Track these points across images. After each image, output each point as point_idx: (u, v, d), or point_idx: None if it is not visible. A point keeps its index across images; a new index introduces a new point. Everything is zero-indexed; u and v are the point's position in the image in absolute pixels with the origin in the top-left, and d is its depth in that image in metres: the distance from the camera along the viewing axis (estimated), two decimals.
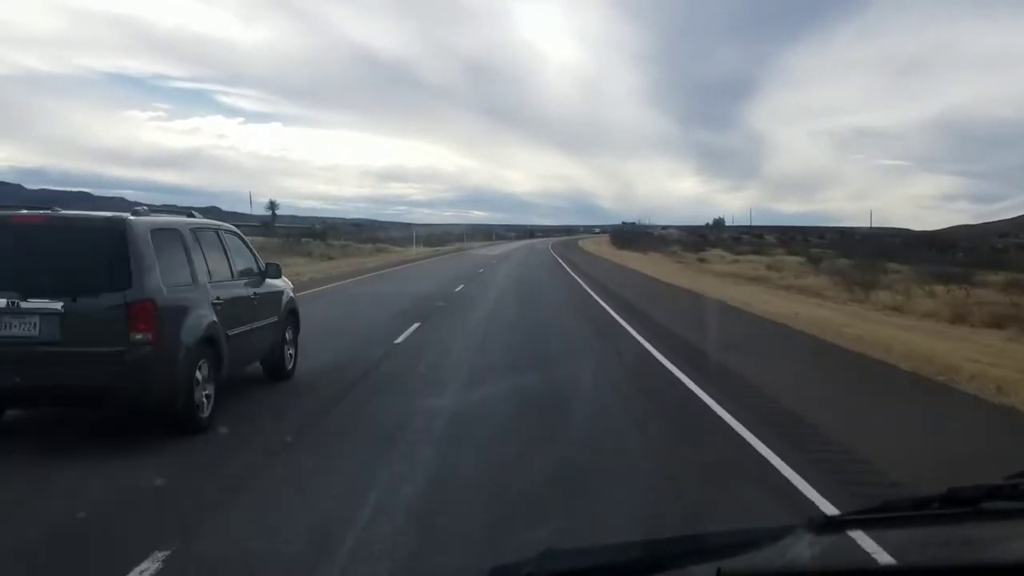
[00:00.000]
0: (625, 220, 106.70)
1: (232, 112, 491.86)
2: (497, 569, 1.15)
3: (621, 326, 13.36)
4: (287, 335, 7.72)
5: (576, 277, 29.08)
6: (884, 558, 1.40)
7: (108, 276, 5.23)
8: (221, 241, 6.80)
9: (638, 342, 11.25)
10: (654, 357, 9.82)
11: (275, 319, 7.44)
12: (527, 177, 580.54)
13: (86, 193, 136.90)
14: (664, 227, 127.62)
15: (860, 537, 1.63)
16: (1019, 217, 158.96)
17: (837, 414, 6.73)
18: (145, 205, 6.12)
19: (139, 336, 5.15)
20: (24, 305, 5.00)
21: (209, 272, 6.20)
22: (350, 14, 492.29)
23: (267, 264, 7.70)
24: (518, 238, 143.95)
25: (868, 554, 1.60)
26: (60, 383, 5.10)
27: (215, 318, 5.93)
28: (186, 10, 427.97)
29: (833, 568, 1.28)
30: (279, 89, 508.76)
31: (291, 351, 7.83)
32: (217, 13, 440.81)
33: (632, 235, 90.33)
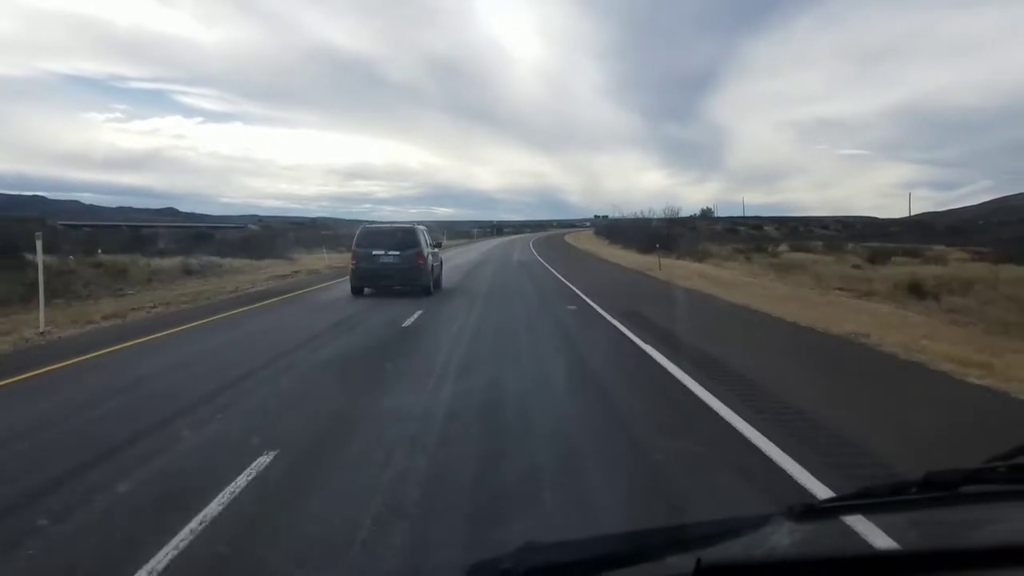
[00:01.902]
0: (597, 214, 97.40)
1: (192, 112, 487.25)
2: (476, 566, 1.13)
3: None
4: (440, 270, 19.61)
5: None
6: (864, 544, 1.49)
7: (410, 243, 17.18)
8: (427, 233, 18.72)
9: None
10: None
11: (439, 263, 19.37)
12: (494, 173, 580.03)
13: (41, 197, 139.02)
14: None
15: (840, 524, 1.61)
16: (989, 202, 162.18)
17: None
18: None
19: (419, 263, 17.11)
20: (391, 253, 16.95)
21: (428, 243, 18.17)
22: (312, 13, 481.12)
23: (437, 243, 19.78)
24: (484, 236, 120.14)
25: (847, 540, 1.66)
26: (401, 279, 17.04)
27: (432, 259, 17.91)
28: (144, 10, 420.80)
29: (813, 555, 1.25)
30: (240, 88, 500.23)
31: (440, 276, 19.63)
32: (175, 13, 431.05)
33: (625, 231, 73.92)
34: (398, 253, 16.98)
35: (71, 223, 52.29)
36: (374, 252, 17.06)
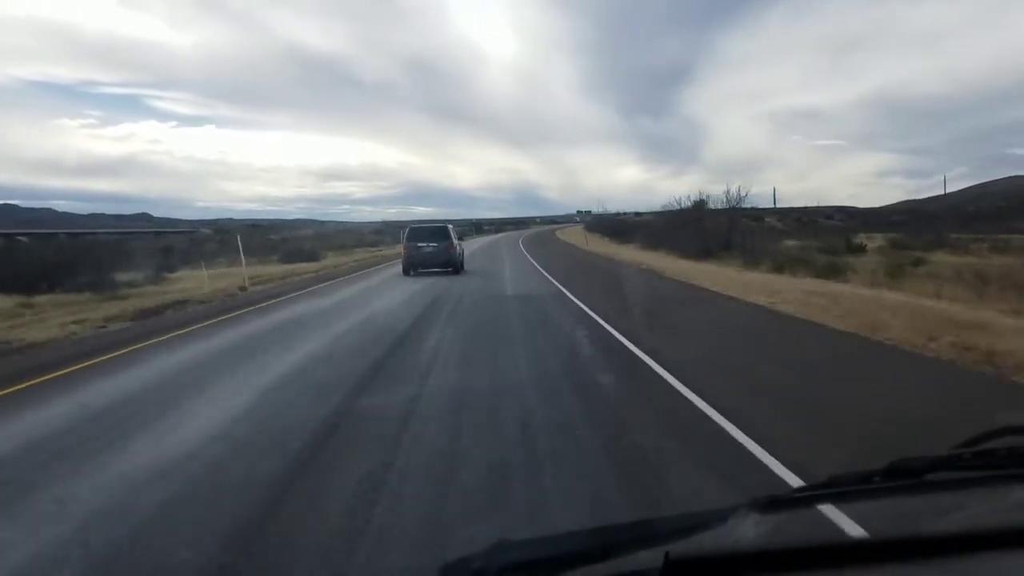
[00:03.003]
0: (580, 209, 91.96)
1: (165, 116, 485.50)
2: (448, 566, 1.13)
3: None
4: (463, 256, 26.55)
5: None
6: (831, 533, 1.47)
7: (445, 237, 24.20)
8: (454, 229, 25.73)
9: None
10: None
11: (462, 251, 26.35)
12: (472, 171, 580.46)
13: (13, 205, 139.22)
14: (638, 214, 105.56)
15: (807, 513, 1.60)
16: (969, 188, 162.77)
17: None
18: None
19: (451, 252, 24.30)
20: (431, 244, 24.09)
21: (456, 236, 25.20)
22: (284, 15, 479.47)
23: (461, 236, 26.80)
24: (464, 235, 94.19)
25: (814, 530, 1.60)
26: (438, 263, 24.30)
27: (459, 248, 24.95)
28: (113, 14, 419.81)
29: (780, 546, 1.26)
30: (213, 92, 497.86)
31: (463, 262, 26.53)
32: (146, 17, 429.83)
33: (625, 227, 68.42)
34: (436, 244, 23.91)
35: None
36: (419, 244, 23.97)
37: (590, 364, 8.38)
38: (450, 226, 25.70)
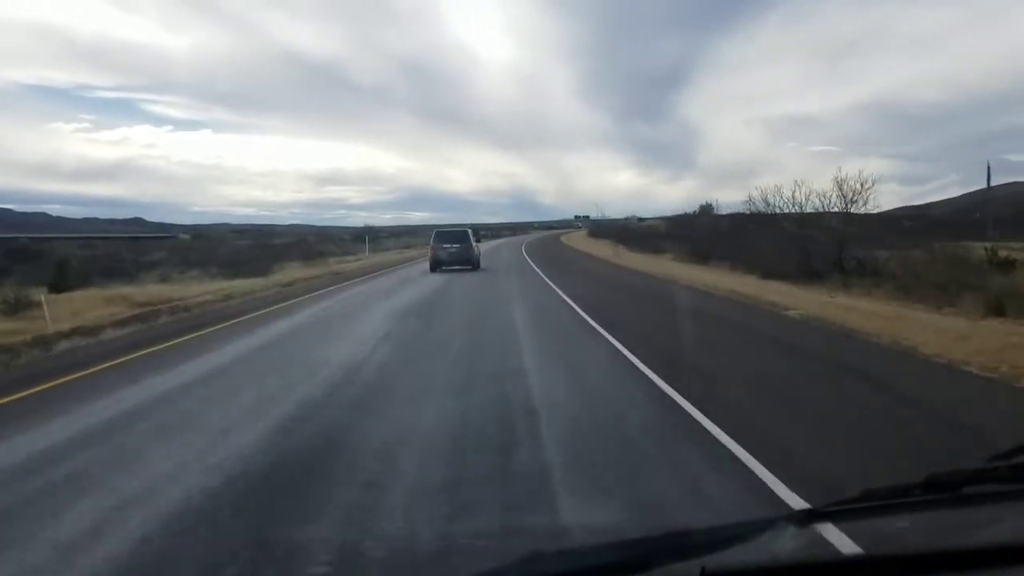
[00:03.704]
0: (578, 214, 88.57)
1: (161, 120, 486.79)
2: None
3: None
4: (480, 255, 30.67)
5: None
6: (865, 548, 1.41)
7: (465, 240, 28.45)
8: (472, 232, 29.91)
9: None
10: None
11: (479, 251, 30.49)
12: (469, 176, 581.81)
13: (8, 210, 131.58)
14: (641, 219, 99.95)
15: (841, 528, 1.61)
16: (972, 193, 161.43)
17: None
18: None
19: (470, 251, 28.60)
20: (454, 246, 28.44)
21: (475, 236, 29.38)
22: (280, 17, 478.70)
23: (478, 238, 31.18)
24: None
25: (850, 544, 1.58)
26: (459, 261, 28.50)
27: (477, 248, 29.11)
28: (108, 18, 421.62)
29: (815, 560, 1.24)
30: (209, 96, 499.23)
31: (479, 259, 30.66)
32: (140, 20, 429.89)
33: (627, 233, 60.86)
34: (457, 246, 27.91)
35: None
36: (444, 245, 28.04)
37: None
38: (469, 230, 30.03)
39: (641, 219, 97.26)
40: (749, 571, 1.18)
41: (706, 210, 47.99)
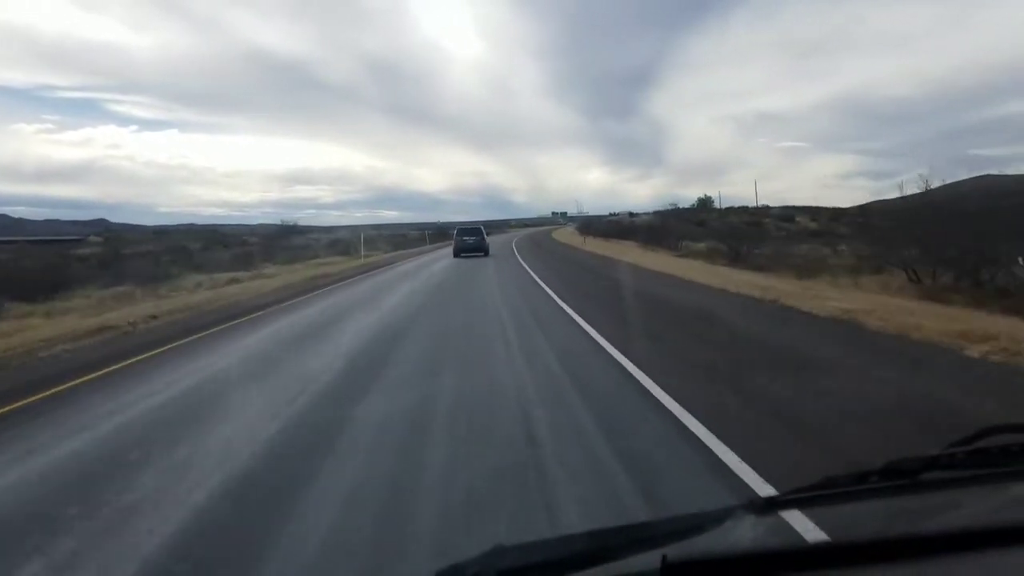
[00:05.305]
0: (554, 211, 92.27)
1: (126, 120, 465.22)
2: (443, 572, 1.13)
3: None
4: (487, 244, 42.08)
5: None
6: (824, 535, 1.45)
7: (479, 234, 39.94)
8: (484, 227, 42.11)
9: None
10: None
11: (488, 243, 42.25)
12: (439, 175, 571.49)
13: None
14: (632, 214, 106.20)
15: (801, 515, 1.68)
16: (937, 188, 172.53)
17: None
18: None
19: (483, 242, 40.05)
20: (471, 237, 39.74)
21: (485, 232, 41.46)
22: (247, 16, 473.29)
23: (488, 232, 43.09)
24: (419, 241, 70.96)
25: (809, 531, 1.64)
26: (475, 250, 39.18)
27: (486, 240, 40.98)
28: (72, 17, 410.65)
29: (774, 548, 1.28)
30: (175, 95, 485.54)
31: (488, 246, 42.20)
32: (103, 19, 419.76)
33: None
34: (474, 238, 39.42)
35: None
36: (464, 237, 39.46)
37: None
38: (482, 227, 41.07)
39: (632, 215, 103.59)
40: (710, 560, 1.18)
41: (705, 203, 55.89)
